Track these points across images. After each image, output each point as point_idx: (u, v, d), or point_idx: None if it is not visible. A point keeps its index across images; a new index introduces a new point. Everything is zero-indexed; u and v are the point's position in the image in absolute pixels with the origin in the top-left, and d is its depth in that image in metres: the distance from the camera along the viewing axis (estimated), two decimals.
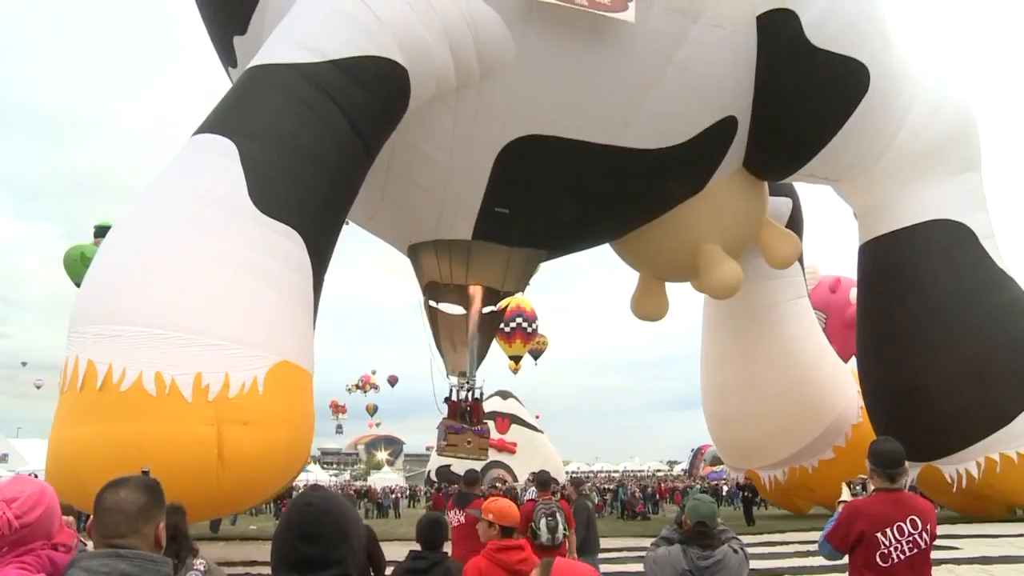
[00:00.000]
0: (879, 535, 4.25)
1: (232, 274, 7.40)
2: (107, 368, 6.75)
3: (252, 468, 7.05)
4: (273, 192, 7.86)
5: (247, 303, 7.39)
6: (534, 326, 53.80)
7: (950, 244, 12.78)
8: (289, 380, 7.45)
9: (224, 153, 7.90)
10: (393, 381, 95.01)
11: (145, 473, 2.55)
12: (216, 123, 8.35)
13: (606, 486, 43.15)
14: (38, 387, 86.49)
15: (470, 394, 13.46)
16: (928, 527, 4.24)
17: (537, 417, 48.48)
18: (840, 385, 16.15)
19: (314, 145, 8.44)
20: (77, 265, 48.86)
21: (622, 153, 11.38)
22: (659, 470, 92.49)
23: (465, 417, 13.20)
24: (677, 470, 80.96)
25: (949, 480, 12.56)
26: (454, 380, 13.50)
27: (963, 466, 12.47)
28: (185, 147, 8.33)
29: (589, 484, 43.20)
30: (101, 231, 52.07)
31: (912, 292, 12.73)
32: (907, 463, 11.50)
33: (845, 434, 16.02)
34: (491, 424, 40.67)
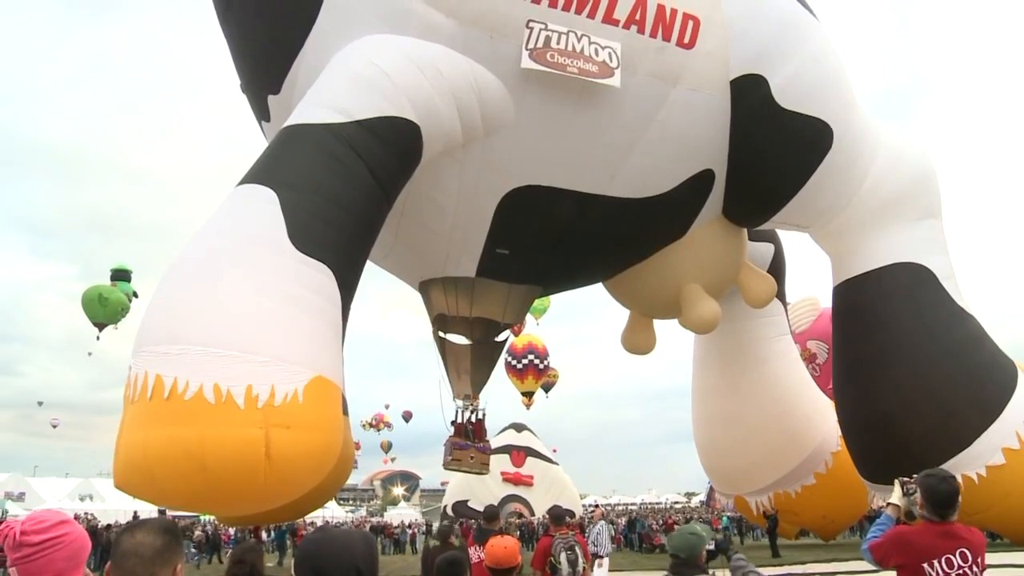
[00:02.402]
0: (926, 566, 4.31)
1: (275, 303, 8.77)
2: (172, 381, 8.05)
3: (293, 465, 8.38)
4: (308, 233, 9.20)
5: (288, 327, 8.74)
6: (546, 362, 53.85)
7: (912, 284, 13.69)
8: (323, 392, 8.77)
9: (266, 200, 9.28)
10: (407, 417, 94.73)
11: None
12: (258, 174, 9.76)
13: (618, 519, 42.81)
14: (54, 426, 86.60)
15: (474, 415, 14.65)
16: (979, 560, 4.32)
17: (555, 451, 48.53)
18: (820, 416, 17.12)
19: (342, 193, 9.82)
20: (95, 305, 49.92)
21: (610, 202, 12.63)
22: (677, 502, 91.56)
23: (469, 435, 14.37)
24: (695, 502, 79.96)
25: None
26: (459, 403, 14.67)
27: None
28: (231, 195, 9.73)
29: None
30: (117, 274, 53.12)
31: (878, 329, 13.63)
32: (880, 485, 12.64)
33: (825, 462, 17.09)
34: (507, 457, 41.21)
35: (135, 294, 51.93)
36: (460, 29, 11.23)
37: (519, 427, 45.24)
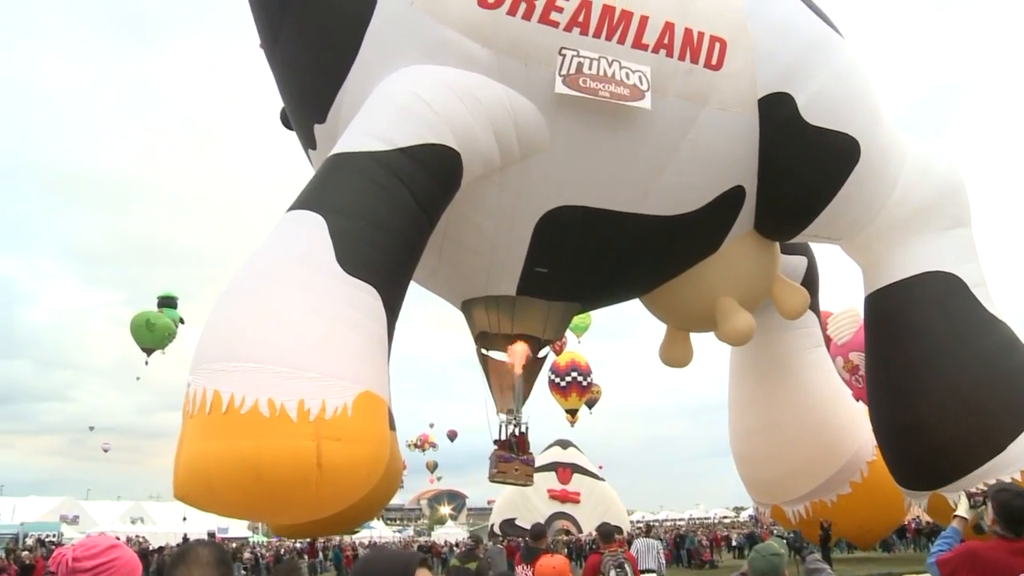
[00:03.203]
0: None
1: (325, 322, 9.18)
2: (230, 396, 8.49)
3: (343, 475, 8.77)
4: (355, 256, 9.62)
5: (337, 345, 9.14)
6: (589, 379, 53.74)
7: (943, 292, 13.74)
8: (371, 406, 9.16)
9: (315, 225, 9.72)
10: (452, 436, 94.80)
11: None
12: (307, 201, 10.19)
13: (666, 535, 42.53)
14: (105, 451, 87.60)
15: (517, 428, 14.95)
16: None
17: (600, 467, 48.42)
18: (855, 426, 17.18)
19: (386, 217, 10.23)
20: (143, 331, 50.71)
21: (644, 220, 12.93)
22: (725, 517, 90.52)
23: (513, 448, 14.65)
24: (744, 516, 78.92)
25: (954, 506, 13.19)
26: (503, 417, 14.96)
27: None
28: (282, 221, 10.18)
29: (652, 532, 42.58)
30: (164, 301, 53.86)
31: (909, 337, 13.69)
32: (916, 492, 12.73)
33: (861, 471, 17.11)
34: (553, 475, 41.21)
35: (181, 320, 52.75)
36: (496, 58, 11.60)
37: (564, 444, 45.15)
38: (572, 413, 55.95)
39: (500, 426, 14.96)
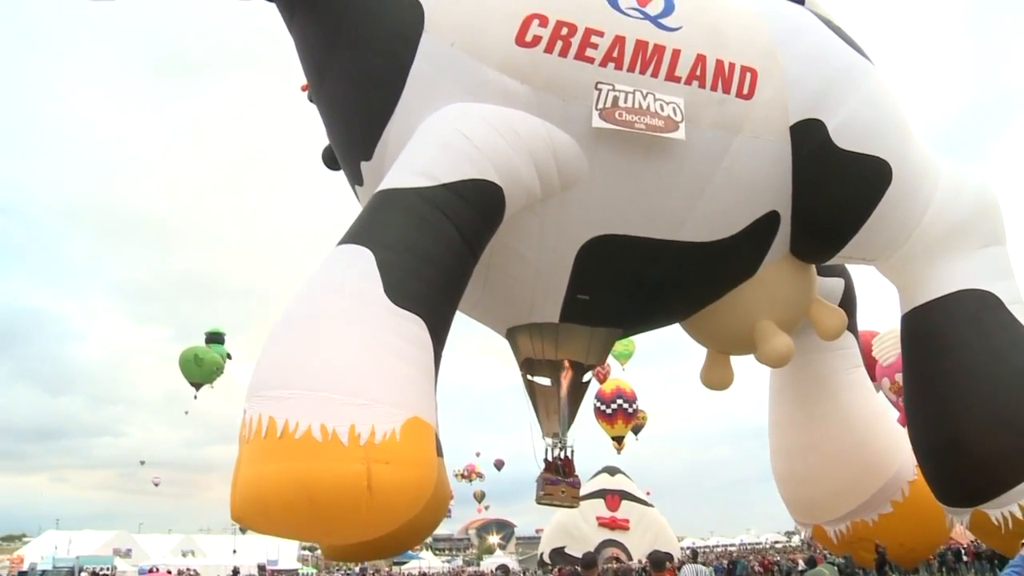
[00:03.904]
0: None
1: (374, 351, 9.48)
2: (284, 421, 8.81)
3: (392, 497, 9.03)
4: (402, 288, 9.92)
5: (386, 373, 9.44)
6: (634, 406, 53.52)
7: (979, 310, 13.67)
8: (418, 431, 9.40)
9: (363, 259, 10.04)
10: (499, 465, 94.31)
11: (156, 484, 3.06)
12: (356, 235, 10.52)
13: (718, 559, 42.05)
14: (156, 484, 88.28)
15: (563, 452, 15.09)
16: None
17: (648, 494, 48.00)
18: (895, 445, 16.96)
19: (432, 251, 10.53)
20: (191, 366, 51.47)
21: (681, 247, 13.10)
22: (777, 541, 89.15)
23: (559, 471, 14.81)
24: (796, 540, 77.71)
25: (996, 523, 13.05)
26: (549, 441, 15.07)
27: (1007, 509, 12.90)
28: (332, 255, 10.51)
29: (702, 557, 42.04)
30: (211, 337, 54.56)
31: (946, 354, 13.61)
32: (957, 509, 12.70)
33: (902, 490, 16.86)
34: (601, 502, 41.01)
35: (228, 355, 53.46)
36: (534, 94, 11.90)
37: (612, 471, 44.78)
38: (618, 440, 55.78)
39: (546, 450, 15.11)
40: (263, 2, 14.32)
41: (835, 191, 13.34)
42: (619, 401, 53.20)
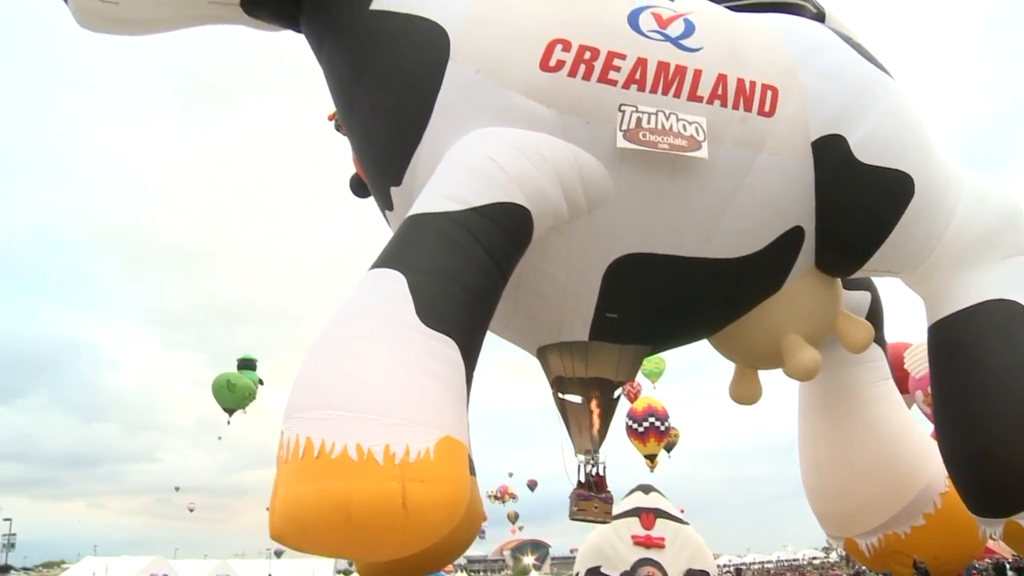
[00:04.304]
0: None
1: (408, 372, 9.63)
2: (321, 442, 8.98)
3: (427, 514, 9.18)
4: (434, 310, 10.06)
5: (419, 393, 9.57)
6: (666, 424, 53.33)
7: (1005, 320, 13.64)
8: (451, 450, 9.51)
9: (396, 282, 10.21)
10: (532, 485, 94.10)
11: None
12: (388, 259, 10.70)
13: None
14: (191, 510, 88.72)
15: (595, 468, 15.16)
16: None
17: (682, 511, 47.59)
18: (927, 457, 16.86)
19: (462, 273, 10.67)
20: (224, 392, 51.96)
21: (708, 263, 13.15)
22: (815, 557, 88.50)
23: (592, 487, 14.88)
24: (834, 556, 77.03)
25: None
26: (581, 457, 15.10)
27: None
28: (365, 278, 10.68)
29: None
30: (243, 363, 54.98)
31: (973, 365, 13.58)
32: (989, 519, 12.62)
33: (933, 502, 16.72)
34: (636, 520, 40.69)
35: (260, 381, 53.88)
36: (559, 118, 12.04)
37: (646, 488, 44.16)
38: (651, 459, 55.61)
39: (578, 467, 15.18)
40: (291, 32, 14.62)
41: (858, 205, 13.37)
42: (651, 419, 53.10)
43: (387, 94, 12.96)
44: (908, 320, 15.95)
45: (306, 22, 14.11)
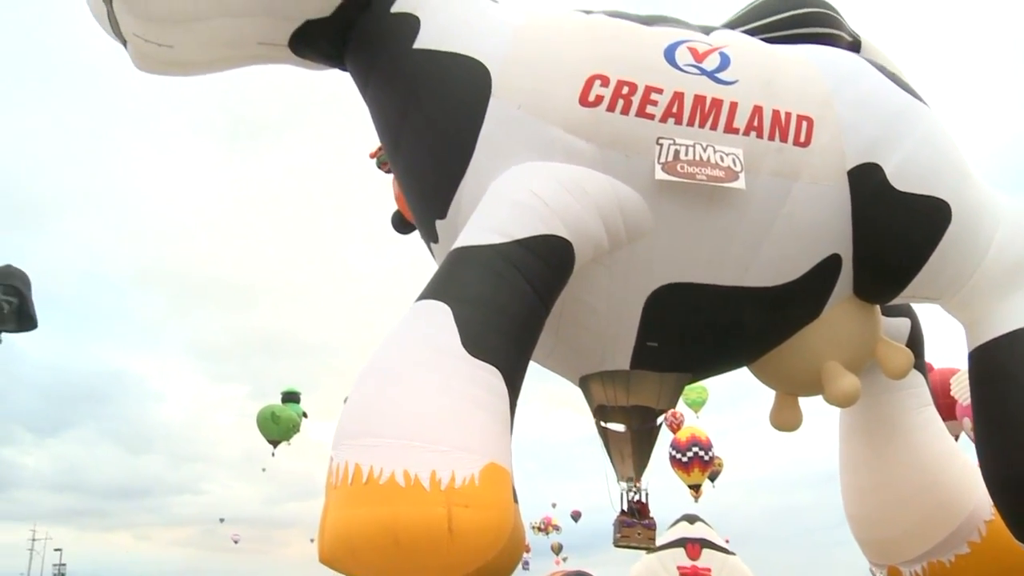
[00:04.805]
0: None
1: (453, 400, 9.82)
2: (369, 468, 9.21)
3: (472, 539, 9.33)
4: (478, 340, 10.24)
5: (465, 421, 9.76)
6: (710, 454, 52.85)
7: None
8: (496, 476, 9.68)
9: (441, 313, 10.41)
10: (576, 516, 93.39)
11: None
12: (434, 291, 10.89)
13: None
14: (236, 542, 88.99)
15: (637, 495, 15.20)
16: None
17: (727, 541, 47.20)
18: (971, 485, 16.43)
19: (506, 304, 10.85)
20: (269, 424, 52.42)
21: (746, 292, 13.20)
22: None
23: (635, 514, 14.92)
24: None
25: None
26: (624, 485, 15.14)
27: None
28: (411, 310, 10.87)
29: None
30: (287, 396, 55.46)
31: (1013, 390, 13.37)
32: None
33: (979, 529, 16.28)
34: (682, 551, 40.41)
35: (305, 414, 54.33)
36: (599, 151, 12.23)
37: (691, 519, 43.71)
38: (695, 488, 55.20)
39: (621, 494, 15.25)
40: (337, 71, 14.98)
41: (895, 232, 13.33)
42: (695, 449, 52.61)
43: (432, 130, 13.21)
44: (953, 346, 15.77)
45: (351, 61, 14.41)
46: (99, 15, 13.43)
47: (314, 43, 14.24)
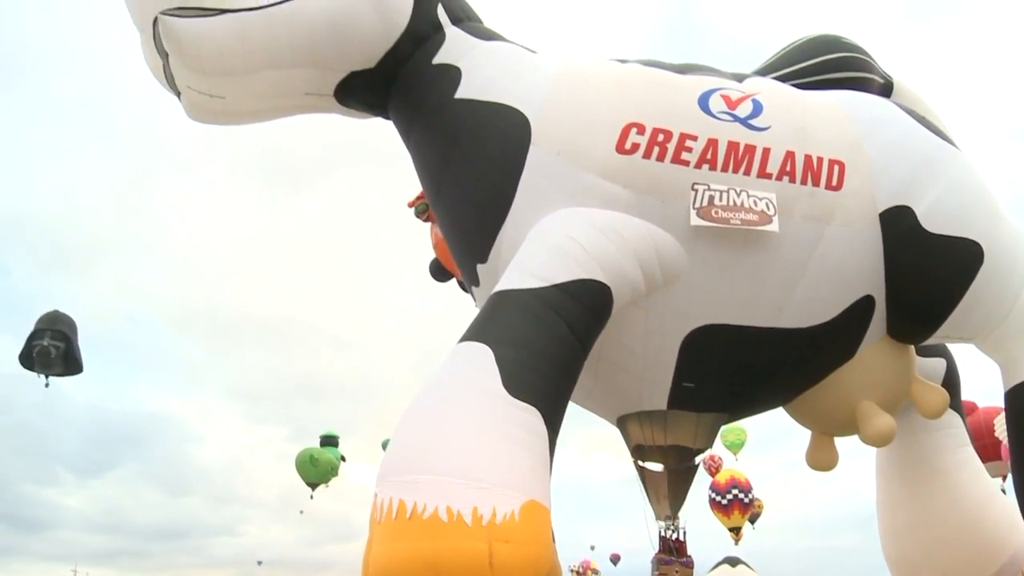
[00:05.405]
0: None
1: (494, 439, 10.03)
2: (413, 504, 9.41)
3: (511, 573, 9.47)
4: (519, 381, 10.44)
5: (505, 459, 9.95)
6: (750, 496, 52.33)
7: None
8: (535, 513, 9.86)
9: (483, 355, 10.63)
10: (615, 559, 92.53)
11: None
12: (475, 333, 11.13)
13: None
14: None
15: (675, 533, 15.26)
16: None
17: None
18: (1011, 526, 16.34)
19: (545, 346, 11.04)
20: (307, 466, 52.68)
21: (780, 333, 13.31)
22: None
23: (672, 552, 14.98)
24: None
25: None
26: (661, 523, 15.23)
27: None
28: (453, 352, 11.11)
29: None
30: (326, 440, 55.71)
31: None
32: None
33: (1021, 572, 16.17)
34: None
35: (343, 458, 54.57)
36: (635, 197, 12.47)
37: (733, 561, 43.35)
38: (736, 531, 54.66)
39: (659, 532, 15.32)
40: (379, 119, 15.35)
41: (927, 274, 13.40)
42: (734, 491, 52.21)
43: (473, 177, 13.50)
44: (994, 386, 15.69)
45: (394, 110, 14.76)
46: (155, 69, 13.87)
47: (358, 93, 14.62)
